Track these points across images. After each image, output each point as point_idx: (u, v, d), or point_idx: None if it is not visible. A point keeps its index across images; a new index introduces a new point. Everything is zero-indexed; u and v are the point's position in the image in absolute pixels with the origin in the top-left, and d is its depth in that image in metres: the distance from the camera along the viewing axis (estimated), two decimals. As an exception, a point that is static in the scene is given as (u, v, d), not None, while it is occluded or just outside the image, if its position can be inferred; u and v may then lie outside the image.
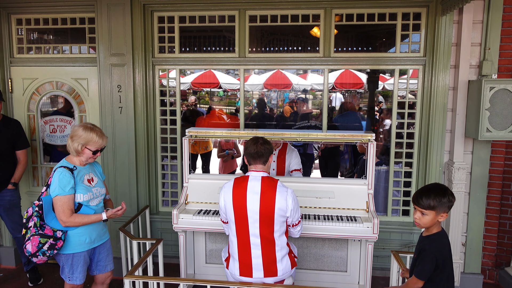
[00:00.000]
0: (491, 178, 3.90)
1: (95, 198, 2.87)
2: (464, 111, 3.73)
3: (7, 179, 3.81)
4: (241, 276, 2.76)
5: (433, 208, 2.21)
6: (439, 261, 2.21)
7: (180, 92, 4.29)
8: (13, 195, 3.86)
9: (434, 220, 2.24)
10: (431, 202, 2.21)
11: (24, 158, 3.90)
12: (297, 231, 2.88)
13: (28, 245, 2.68)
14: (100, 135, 2.80)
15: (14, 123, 3.89)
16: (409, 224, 4.09)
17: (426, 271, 2.23)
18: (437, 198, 2.21)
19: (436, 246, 2.24)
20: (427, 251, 2.23)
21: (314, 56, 4.06)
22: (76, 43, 4.32)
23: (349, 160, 5.73)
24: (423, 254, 2.25)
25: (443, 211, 2.23)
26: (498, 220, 3.97)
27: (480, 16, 3.66)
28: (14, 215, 3.87)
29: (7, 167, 3.82)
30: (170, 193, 4.47)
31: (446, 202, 2.22)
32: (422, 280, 2.25)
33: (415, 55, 3.91)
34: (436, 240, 2.26)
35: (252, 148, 2.74)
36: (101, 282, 3.07)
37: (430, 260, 2.21)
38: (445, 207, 2.22)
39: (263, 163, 2.77)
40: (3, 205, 3.81)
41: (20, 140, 3.87)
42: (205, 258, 3.86)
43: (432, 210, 2.22)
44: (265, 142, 2.79)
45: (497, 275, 4.04)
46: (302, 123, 5.62)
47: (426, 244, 2.27)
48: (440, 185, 2.32)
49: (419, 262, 2.27)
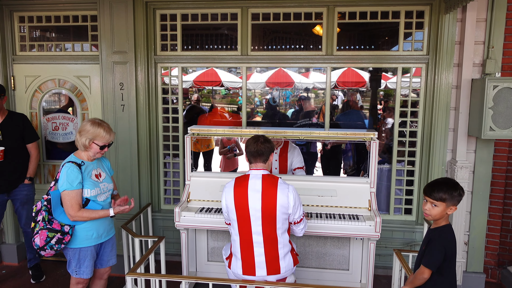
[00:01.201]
0: (494, 177, 3.88)
1: (103, 193, 2.89)
2: (467, 110, 3.72)
3: (22, 174, 3.85)
4: (244, 275, 2.75)
5: (444, 200, 2.30)
6: (448, 252, 2.27)
7: (182, 90, 4.29)
8: (29, 189, 3.91)
9: (443, 212, 2.32)
10: (442, 195, 2.30)
11: (35, 151, 3.92)
12: (300, 229, 2.87)
13: (36, 239, 2.73)
14: (107, 131, 2.84)
15: (20, 117, 3.89)
16: (412, 223, 4.09)
17: (435, 260, 2.27)
18: (449, 191, 2.30)
19: (445, 238, 2.30)
20: (437, 241, 2.30)
21: (316, 54, 4.05)
22: (78, 41, 4.32)
23: (352, 158, 5.72)
24: (432, 244, 2.31)
25: (452, 204, 2.31)
26: (501, 219, 3.95)
27: (483, 14, 3.64)
28: (30, 209, 3.86)
29: (20, 162, 3.84)
30: (172, 191, 4.48)
31: (457, 196, 2.31)
32: (430, 269, 2.30)
33: (418, 53, 3.90)
34: (445, 232, 2.33)
35: (253, 146, 2.75)
36: (100, 277, 3.10)
37: (439, 249, 2.27)
38: (455, 200, 2.31)
39: (263, 161, 2.77)
40: (20, 199, 3.85)
41: (29, 134, 3.87)
42: (207, 256, 3.87)
43: (443, 202, 2.31)
44: (265, 140, 2.78)
45: (500, 274, 4.04)
46: (304, 121, 5.61)
47: (436, 235, 2.33)
48: (451, 180, 2.41)
49: (428, 252, 2.32)
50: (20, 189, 3.85)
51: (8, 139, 3.73)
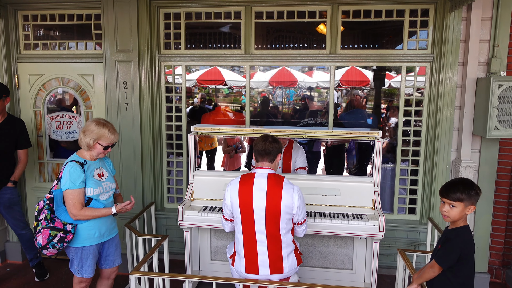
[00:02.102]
0: (499, 177, 3.85)
1: (105, 192, 2.89)
2: (472, 109, 3.69)
3: (7, 177, 3.82)
4: (247, 273, 2.75)
5: (462, 200, 2.27)
6: (463, 253, 2.25)
7: (186, 89, 4.28)
8: (12, 193, 3.85)
9: (462, 212, 2.29)
10: (460, 195, 2.27)
11: (24, 157, 3.90)
12: (302, 230, 2.86)
13: (38, 237, 2.73)
14: (112, 131, 2.84)
15: (18, 123, 3.89)
16: (416, 223, 4.07)
17: (449, 259, 2.27)
18: (466, 190, 2.27)
19: (462, 238, 2.28)
20: (453, 241, 2.28)
21: (320, 53, 4.03)
22: (82, 40, 4.33)
23: (356, 157, 5.70)
24: (448, 244, 2.30)
25: (470, 204, 2.28)
26: (505, 219, 3.93)
27: (489, 13, 3.61)
28: (14, 212, 3.88)
29: (7, 166, 3.82)
30: (176, 189, 4.48)
31: (474, 194, 2.28)
32: (440, 266, 2.29)
33: (422, 52, 3.88)
34: (463, 232, 2.30)
35: (260, 145, 2.75)
36: (107, 277, 3.10)
37: (455, 250, 2.26)
38: (473, 199, 2.28)
39: (270, 161, 2.77)
40: (3, 203, 3.81)
41: (23, 140, 3.87)
42: (210, 254, 3.87)
43: (461, 202, 2.27)
44: (274, 140, 2.79)
45: (504, 275, 4.01)
46: (307, 120, 5.60)
47: (453, 235, 2.31)
48: (467, 179, 2.38)
49: (443, 250, 2.31)
50: (2, 192, 3.79)
51: (2, 141, 3.72)
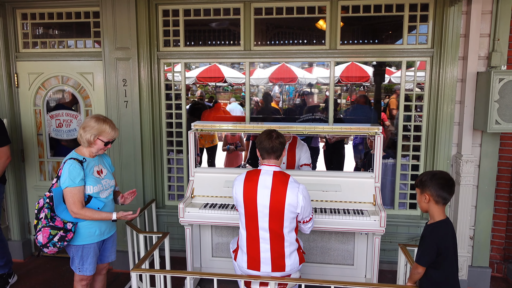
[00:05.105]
0: (500, 171, 3.85)
1: (105, 190, 2.89)
2: (473, 103, 3.68)
3: None
4: (248, 269, 2.76)
5: (417, 185, 2.35)
6: (441, 248, 2.25)
7: (185, 86, 4.27)
8: None
9: (423, 202, 2.32)
10: (417, 181, 2.36)
11: (4, 155, 3.71)
12: (308, 228, 2.86)
13: (39, 236, 2.73)
14: (112, 127, 2.85)
15: None
16: (416, 218, 4.07)
17: (425, 257, 2.28)
18: (423, 176, 2.33)
19: (437, 234, 2.28)
20: (427, 238, 2.31)
21: (320, 48, 4.02)
22: (81, 38, 4.32)
23: (363, 151, 5.70)
24: (423, 241, 2.34)
25: (424, 191, 2.30)
26: (506, 214, 3.93)
27: (489, 7, 3.59)
28: None
29: None
30: (176, 187, 4.48)
31: (428, 181, 2.28)
32: (421, 266, 2.31)
33: (422, 47, 3.86)
34: (438, 228, 2.30)
35: (267, 143, 2.71)
36: (99, 272, 3.12)
37: (429, 247, 2.27)
38: (426, 187, 2.28)
39: (276, 157, 2.75)
40: None
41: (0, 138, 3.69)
42: (212, 251, 3.87)
43: (417, 188, 2.35)
44: (278, 136, 2.76)
45: (506, 269, 4.02)
46: (307, 116, 5.58)
47: (428, 232, 2.33)
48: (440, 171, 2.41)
49: (419, 249, 2.35)
50: None
51: None
